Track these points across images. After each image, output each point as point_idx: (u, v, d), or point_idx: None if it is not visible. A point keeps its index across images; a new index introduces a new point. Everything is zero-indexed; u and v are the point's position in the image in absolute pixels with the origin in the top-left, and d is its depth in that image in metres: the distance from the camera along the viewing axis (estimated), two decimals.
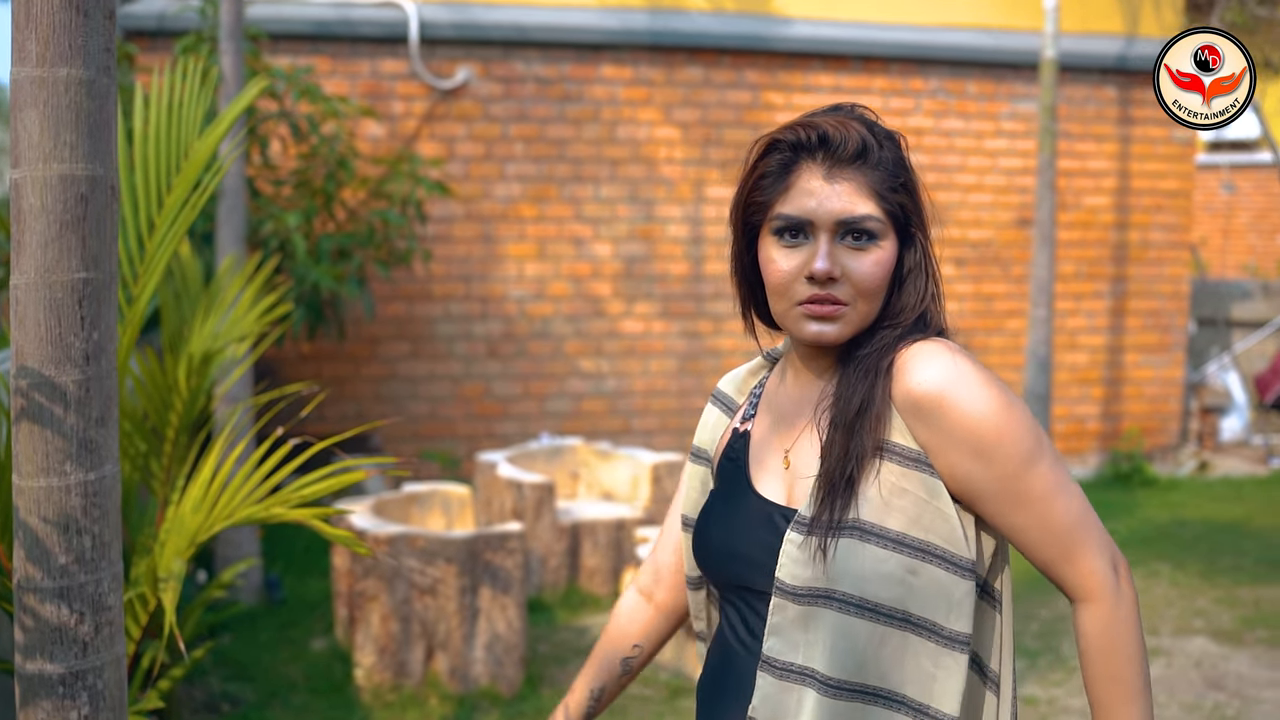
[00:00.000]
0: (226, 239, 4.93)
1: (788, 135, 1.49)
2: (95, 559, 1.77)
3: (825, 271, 1.44)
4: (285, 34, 6.93)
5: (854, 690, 1.43)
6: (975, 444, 1.42)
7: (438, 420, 7.44)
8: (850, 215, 1.45)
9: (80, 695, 1.78)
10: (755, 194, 1.51)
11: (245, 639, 4.83)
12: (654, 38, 7.50)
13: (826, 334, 1.47)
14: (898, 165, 1.50)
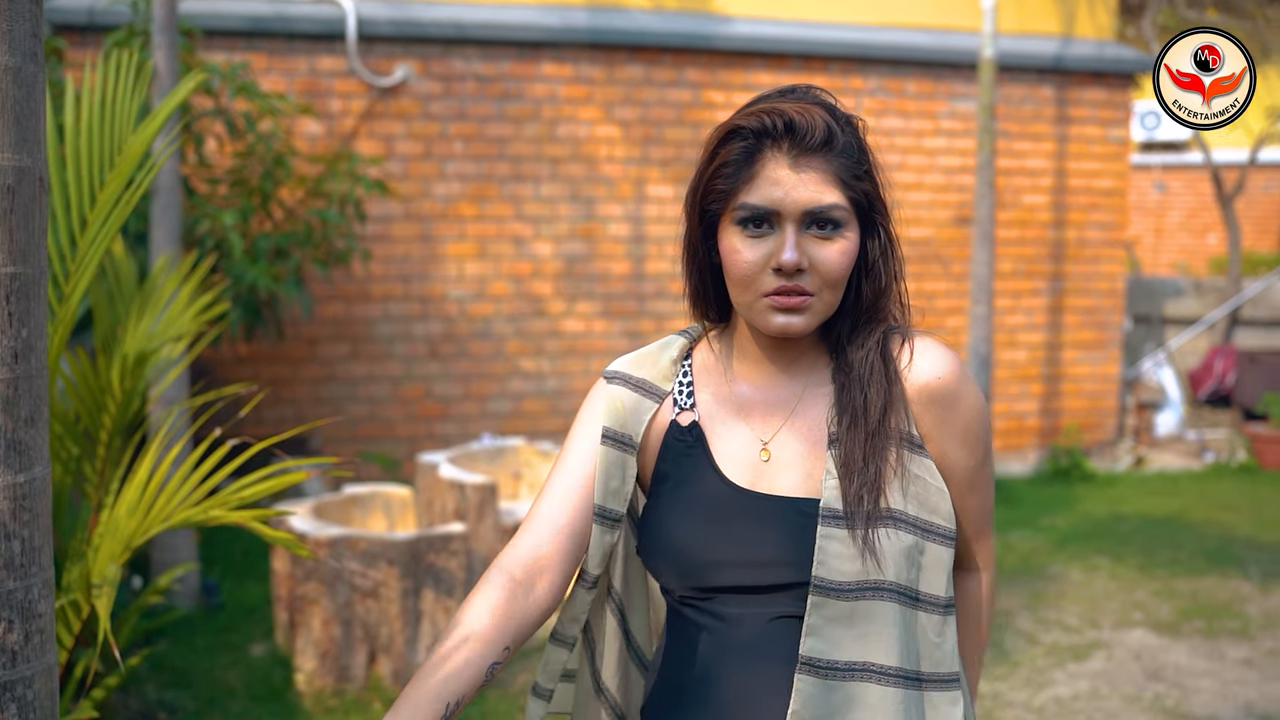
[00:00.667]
0: (161, 238, 4.83)
1: (751, 122, 1.45)
2: (25, 564, 1.71)
3: (794, 263, 1.41)
4: (220, 30, 6.83)
5: (913, 678, 1.47)
6: (967, 433, 1.51)
7: (378, 421, 7.36)
8: (818, 205, 1.43)
9: (9, 707, 1.72)
10: (717, 182, 1.47)
11: (183, 645, 4.74)
12: (594, 36, 7.47)
13: (793, 325, 1.45)
14: (860, 151, 1.50)
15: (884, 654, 1.44)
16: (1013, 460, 8.66)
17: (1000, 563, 6.20)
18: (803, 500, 1.47)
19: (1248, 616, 5.46)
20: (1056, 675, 4.74)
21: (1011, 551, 6.39)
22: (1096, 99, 8.74)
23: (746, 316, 1.49)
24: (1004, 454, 8.64)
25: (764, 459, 1.51)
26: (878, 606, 1.44)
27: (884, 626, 1.44)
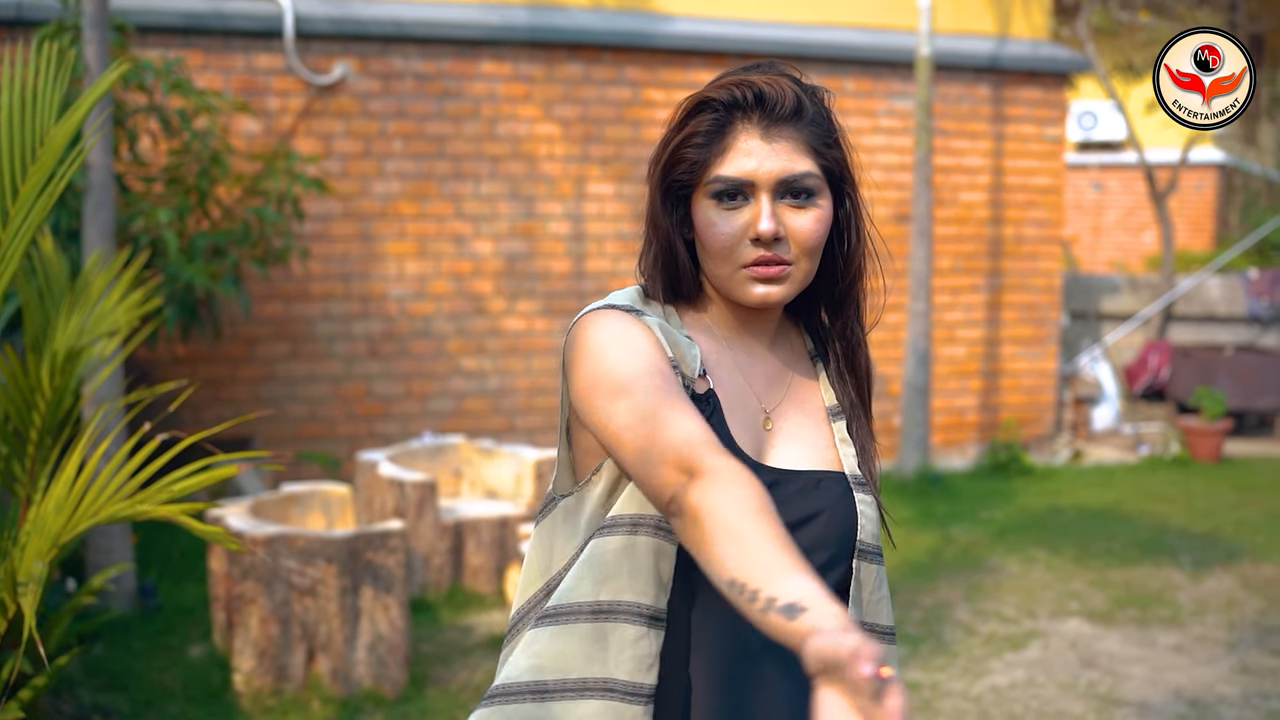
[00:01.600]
0: (94, 235, 4.77)
1: (721, 94, 1.45)
2: None
3: (771, 232, 1.41)
4: (155, 26, 6.74)
5: (891, 634, 1.58)
6: None
7: (318, 421, 7.31)
8: (791, 174, 1.43)
9: None
10: (686, 152, 1.46)
11: (119, 648, 4.68)
12: (534, 34, 7.46)
13: (773, 294, 1.46)
14: (828, 121, 1.50)
15: (886, 616, 1.56)
16: (953, 455, 8.75)
17: (939, 556, 6.27)
18: (817, 473, 1.51)
19: (1179, 604, 5.56)
20: (994, 665, 4.80)
21: (951, 544, 6.46)
22: (1032, 98, 8.85)
23: (725, 289, 1.48)
24: (944, 449, 8.73)
25: (767, 428, 1.51)
26: (881, 571, 1.56)
27: (884, 590, 1.55)
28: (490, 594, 5.30)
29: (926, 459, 7.79)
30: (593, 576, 1.41)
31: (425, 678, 4.47)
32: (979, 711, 4.34)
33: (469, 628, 5.01)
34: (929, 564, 6.10)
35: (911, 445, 7.73)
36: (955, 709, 4.36)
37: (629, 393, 1.34)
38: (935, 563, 6.13)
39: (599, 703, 1.39)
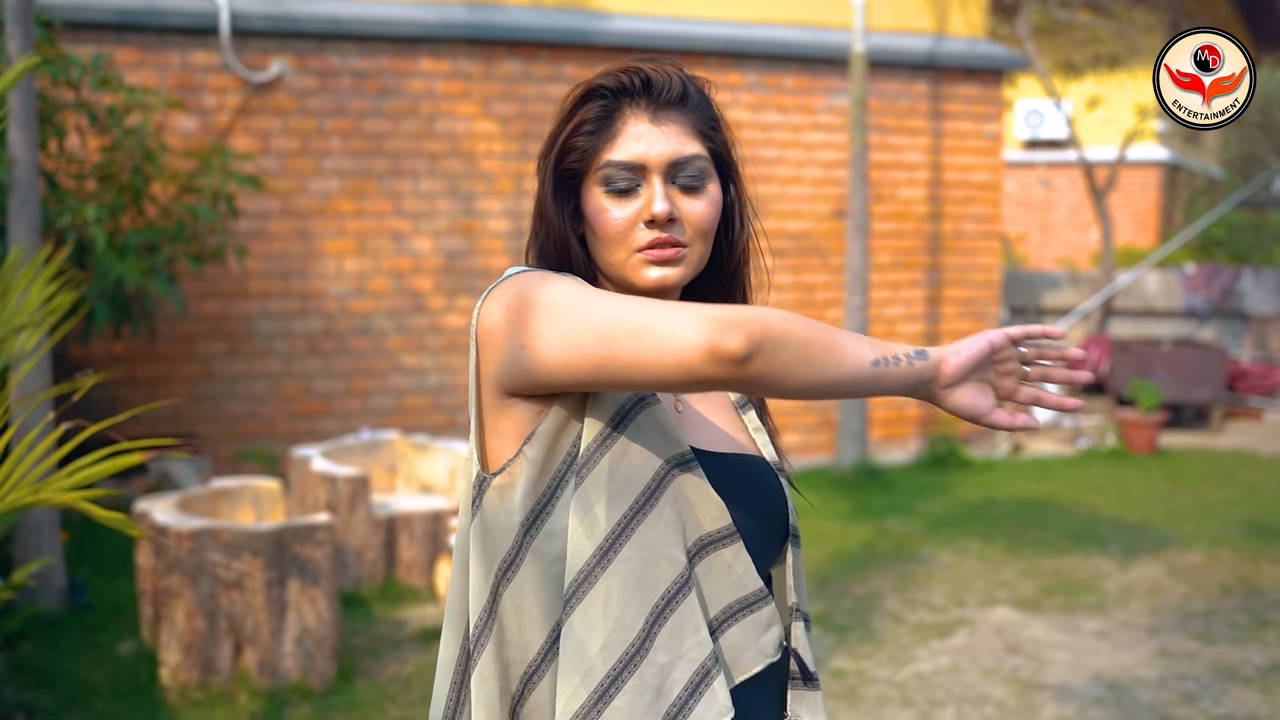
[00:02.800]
0: (19, 231, 4.75)
1: (609, 81, 1.46)
2: None
3: (666, 213, 1.41)
4: (89, 22, 6.71)
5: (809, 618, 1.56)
6: None
7: (258, 419, 7.29)
8: (682, 155, 1.44)
9: None
10: (577, 140, 1.46)
11: (47, 646, 4.66)
12: (472, 31, 7.48)
13: (669, 277, 1.45)
14: (711, 107, 1.52)
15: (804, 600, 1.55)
16: (894, 449, 8.84)
17: (873, 547, 6.34)
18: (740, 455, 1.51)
19: (1105, 591, 5.65)
20: (919, 652, 4.87)
21: (885, 536, 6.54)
22: (970, 94, 8.96)
23: (620, 275, 1.47)
24: (885, 443, 8.82)
25: (679, 410, 1.49)
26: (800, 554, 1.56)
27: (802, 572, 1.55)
28: (423, 588, 5.31)
29: (864, 452, 7.87)
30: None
31: (354, 670, 4.48)
32: (902, 698, 4.41)
33: (401, 621, 5.03)
34: (862, 555, 6.17)
35: (849, 439, 7.80)
36: (879, 695, 4.42)
37: (606, 296, 1.34)
38: (868, 554, 6.20)
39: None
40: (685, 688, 1.32)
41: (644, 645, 1.32)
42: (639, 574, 1.33)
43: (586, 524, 1.33)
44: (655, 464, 1.36)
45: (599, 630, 1.31)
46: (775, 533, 1.49)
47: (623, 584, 1.32)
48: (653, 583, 1.33)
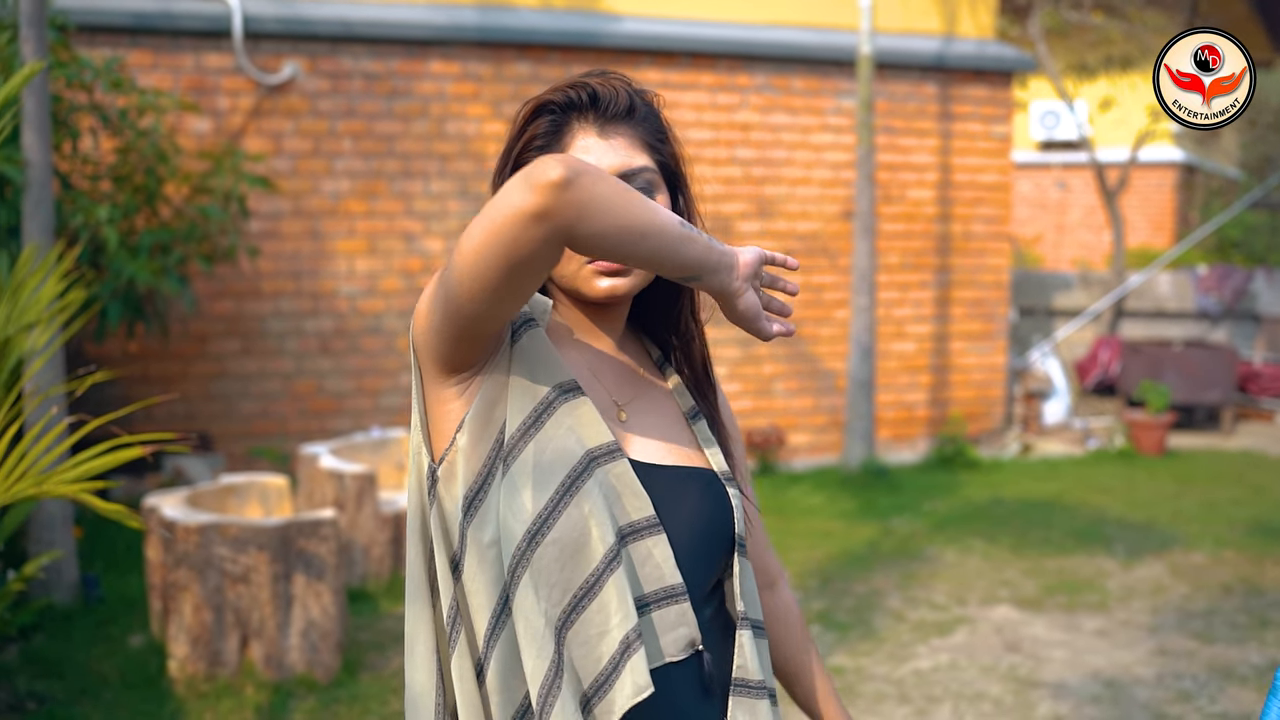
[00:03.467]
0: (33, 231, 4.83)
1: (558, 96, 1.49)
2: None
3: None
4: (104, 26, 6.81)
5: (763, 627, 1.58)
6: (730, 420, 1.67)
7: (270, 418, 7.38)
8: (629, 168, 1.46)
9: None
10: (528, 155, 1.48)
11: (59, 638, 4.75)
12: (482, 34, 7.55)
13: (618, 287, 1.47)
14: (659, 119, 1.55)
15: (758, 610, 1.56)
16: (902, 449, 8.87)
17: (877, 546, 6.38)
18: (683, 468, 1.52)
19: (1107, 590, 5.68)
20: (919, 649, 4.91)
21: (890, 535, 6.58)
22: (979, 96, 8.99)
23: (571, 286, 1.50)
24: (893, 443, 8.86)
25: (622, 419, 1.51)
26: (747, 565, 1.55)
27: (751, 581, 1.55)
28: None
29: (872, 452, 7.91)
30: None
31: (359, 664, 4.55)
32: (899, 694, 4.45)
33: None
34: (866, 554, 6.21)
35: (856, 438, 7.84)
36: (876, 691, 4.47)
37: None
38: (872, 553, 6.24)
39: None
40: (609, 661, 1.36)
41: (569, 620, 1.37)
42: (570, 554, 1.36)
43: (514, 509, 1.36)
44: (579, 452, 1.39)
45: (537, 610, 1.35)
46: (720, 544, 1.50)
47: (551, 565, 1.36)
48: (582, 562, 1.37)
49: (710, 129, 8.20)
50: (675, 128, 1.60)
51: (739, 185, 8.32)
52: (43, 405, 4.27)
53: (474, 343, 1.39)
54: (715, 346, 8.12)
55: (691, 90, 8.13)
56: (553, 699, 1.33)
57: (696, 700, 1.45)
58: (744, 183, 8.33)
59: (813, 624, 5.16)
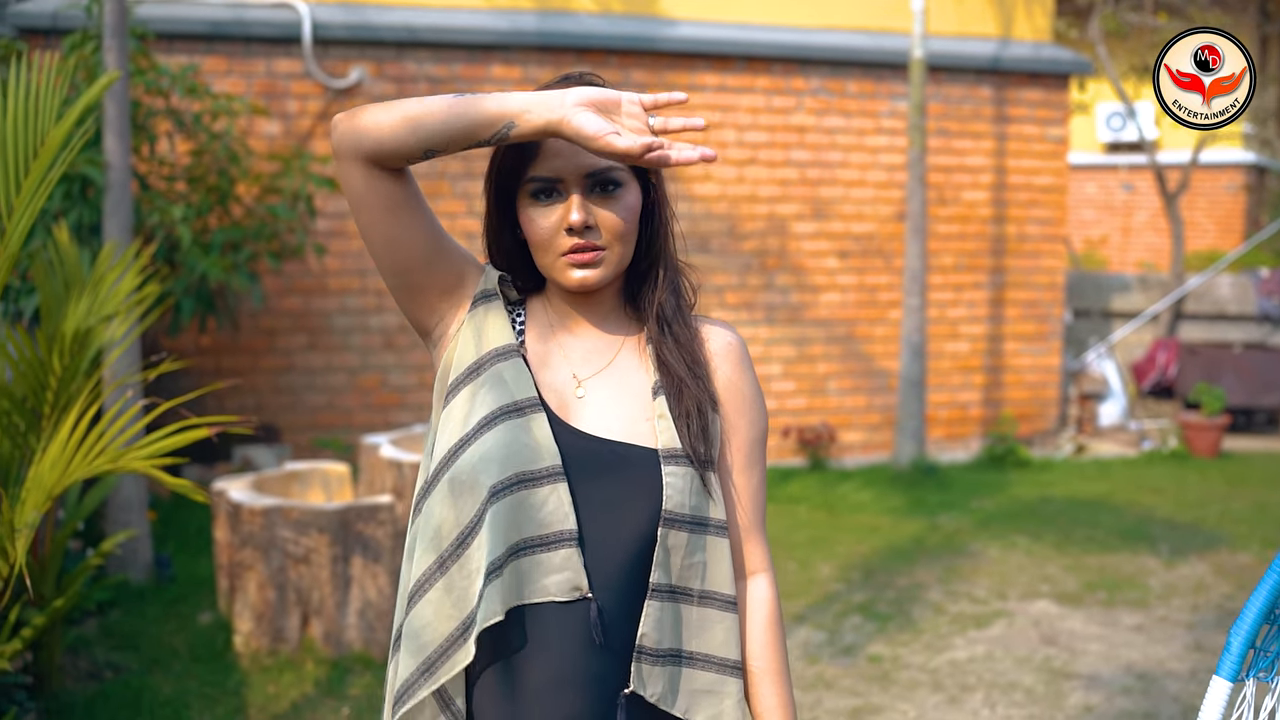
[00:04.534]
0: (113, 229, 5.11)
1: None
2: None
3: (581, 221, 1.56)
4: (180, 34, 7.11)
5: (728, 601, 1.65)
6: (747, 403, 1.70)
7: (335, 410, 7.65)
8: (596, 167, 1.57)
9: None
10: (507, 162, 1.63)
11: (133, 614, 5.02)
12: (542, 39, 7.76)
13: (590, 277, 1.60)
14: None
15: (714, 581, 1.62)
16: (956, 449, 8.97)
17: (922, 542, 6.50)
18: (624, 444, 1.62)
19: (1148, 588, 5.76)
20: (956, 641, 5.03)
21: (936, 531, 6.70)
22: (1034, 98, 9.05)
23: (550, 276, 1.64)
24: (946, 442, 8.95)
25: (579, 393, 1.64)
26: (706, 539, 1.62)
27: (711, 556, 1.63)
28: None
29: (922, 450, 8.02)
30: None
31: None
32: (933, 682, 4.59)
33: None
34: (911, 549, 6.34)
35: (907, 437, 7.95)
36: (911, 679, 4.61)
37: None
38: (917, 548, 6.37)
39: None
40: (475, 592, 1.54)
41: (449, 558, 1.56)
42: (459, 492, 1.56)
43: (427, 455, 1.60)
44: (492, 407, 1.58)
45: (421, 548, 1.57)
46: (646, 517, 1.59)
47: (438, 506, 1.57)
48: (468, 499, 1.55)
49: (766, 131, 8.35)
50: (731, 130, 1.75)
51: (794, 187, 8.46)
52: (119, 391, 4.54)
53: (416, 299, 1.65)
54: (770, 346, 8.28)
55: (748, 93, 8.29)
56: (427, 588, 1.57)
57: (582, 647, 1.57)
58: (799, 184, 8.47)
59: (854, 614, 5.31)
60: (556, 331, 1.69)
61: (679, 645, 1.62)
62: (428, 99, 1.54)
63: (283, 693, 4.30)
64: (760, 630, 1.69)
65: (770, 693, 1.68)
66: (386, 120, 1.53)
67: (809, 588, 5.69)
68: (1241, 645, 1.96)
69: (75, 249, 4.14)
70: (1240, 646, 1.96)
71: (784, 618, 1.75)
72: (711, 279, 8.17)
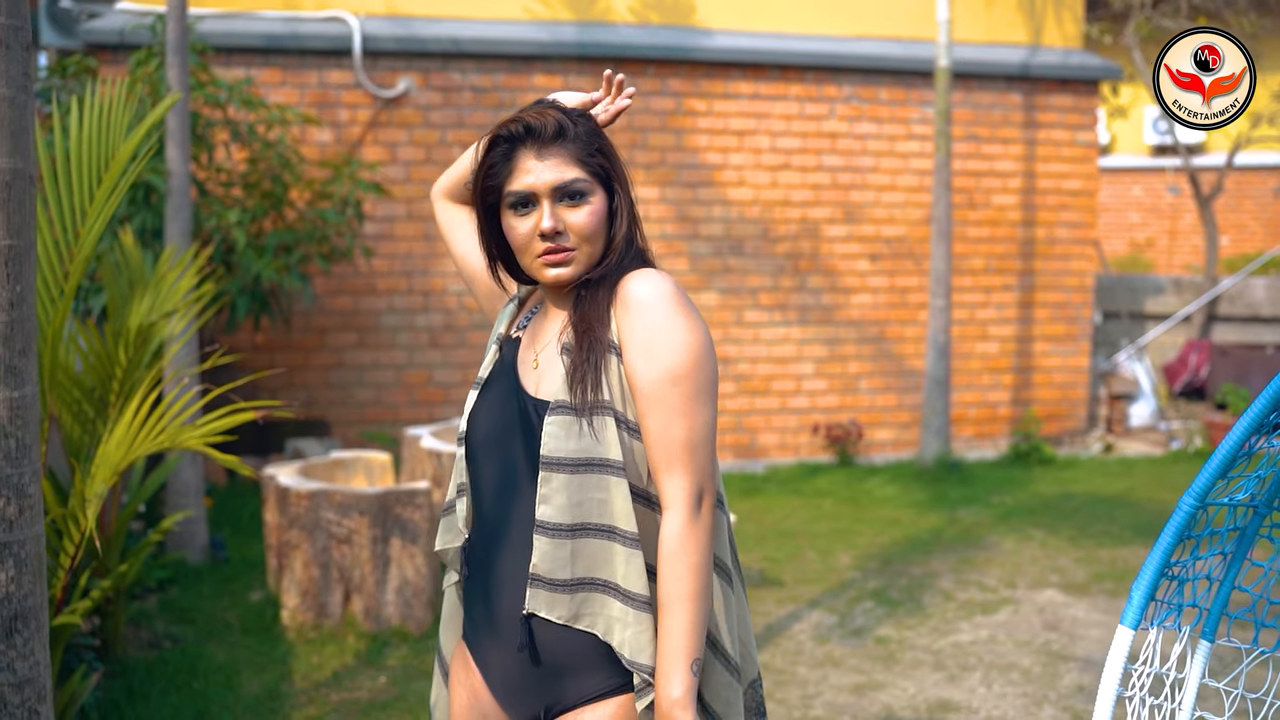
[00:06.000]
0: (174, 233, 5.50)
1: (502, 131, 1.90)
2: (19, 456, 2.35)
3: (551, 229, 1.85)
4: (238, 47, 7.52)
5: (607, 530, 1.85)
6: (649, 345, 1.83)
7: (383, 406, 8.02)
8: (561, 181, 1.86)
9: (6, 561, 2.35)
10: (488, 180, 1.91)
11: (190, 591, 5.40)
12: (582, 49, 8.09)
13: (563, 275, 1.89)
14: (592, 136, 1.91)
15: (600, 515, 1.83)
16: (985, 447, 9.19)
17: (940, 534, 6.75)
18: (539, 400, 1.90)
19: None
20: (962, 625, 5.29)
21: (955, 524, 6.94)
22: (1064, 104, 9.25)
23: (530, 274, 1.94)
24: (975, 441, 9.18)
25: (535, 367, 1.94)
26: (595, 478, 1.83)
27: (599, 493, 1.83)
28: None
29: (946, 447, 8.25)
30: None
31: None
32: (935, 662, 4.85)
33: None
34: (928, 540, 6.59)
35: (932, 434, 8.19)
36: (914, 659, 4.88)
37: None
38: (935, 539, 6.62)
39: None
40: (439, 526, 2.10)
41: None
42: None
43: None
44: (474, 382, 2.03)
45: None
46: (530, 460, 1.88)
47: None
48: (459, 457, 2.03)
49: (799, 138, 8.62)
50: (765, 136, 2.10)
51: (826, 191, 8.73)
52: (177, 380, 4.91)
53: (483, 302, 2.18)
54: (802, 346, 8.54)
55: (781, 101, 8.57)
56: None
57: (480, 582, 1.97)
58: (831, 189, 8.74)
59: (866, 600, 5.58)
60: (541, 318, 2.01)
61: (589, 574, 1.84)
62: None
63: (325, 663, 4.65)
64: (660, 562, 1.81)
65: (662, 619, 1.80)
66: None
67: (827, 575, 5.96)
68: (1142, 597, 2.25)
69: (139, 251, 4.52)
70: (1140, 599, 2.25)
71: (696, 550, 1.80)
72: (746, 280, 8.46)
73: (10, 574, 2.35)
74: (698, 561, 1.79)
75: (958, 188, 8.94)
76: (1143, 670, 2.20)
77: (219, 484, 7.16)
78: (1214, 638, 2.50)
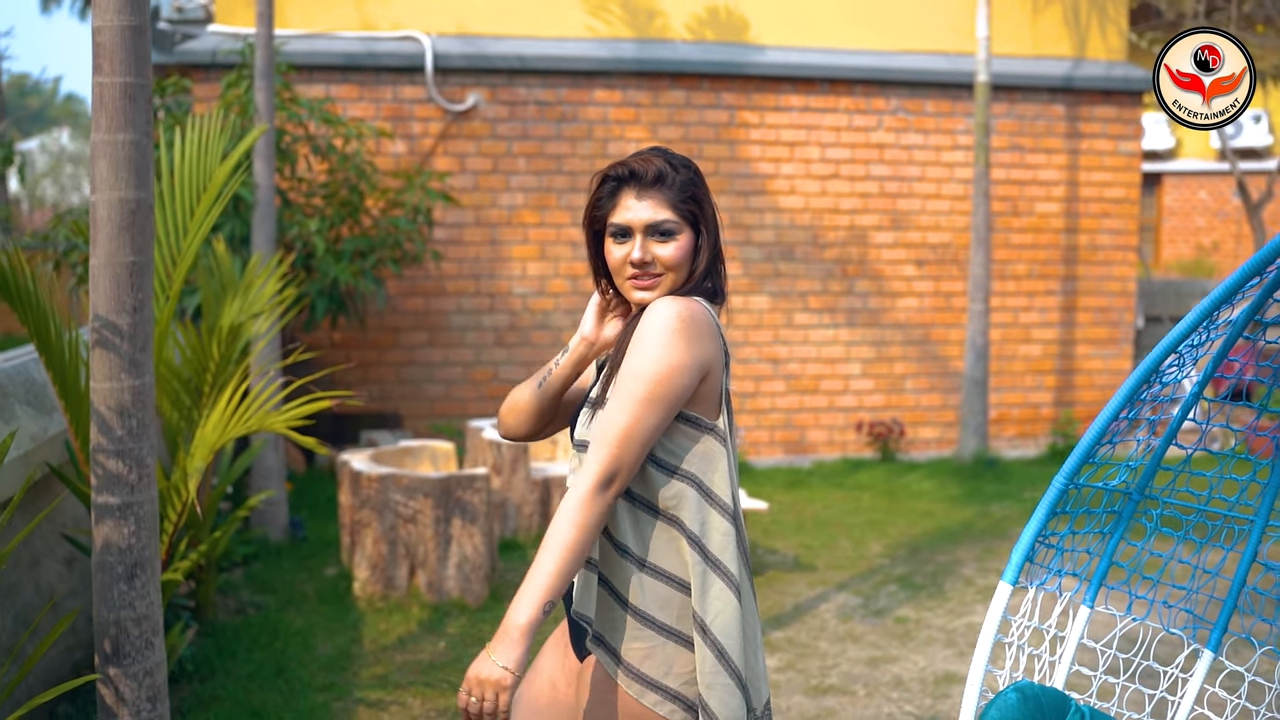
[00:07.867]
0: (260, 241, 6.06)
1: (611, 172, 2.21)
2: (139, 433, 2.87)
3: (640, 260, 2.16)
4: (319, 65, 8.10)
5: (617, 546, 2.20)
6: (634, 346, 2.10)
7: (451, 400, 8.56)
8: (654, 220, 2.16)
9: (129, 519, 2.87)
10: (596, 211, 2.23)
11: (272, 567, 5.96)
12: (640, 65, 8.57)
13: (647, 297, 2.18)
14: (687, 184, 2.19)
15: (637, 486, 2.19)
16: (1026, 446, 9.53)
17: (970, 526, 7.14)
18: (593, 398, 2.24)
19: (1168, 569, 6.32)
20: (977, 608, 5.69)
21: (985, 517, 7.32)
22: (1107, 115, 9.56)
23: (622, 292, 2.23)
24: (1018, 440, 9.52)
25: None
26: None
27: None
28: None
29: (984, 445, 8.62)
30: None
31: (503, 594, 5.60)
32: (947, 640, 5.27)
33: None
34: (958, 531, 6.99)
35: (969, 432, 8.56)
36: (928, 637, 5.29)
37: None
38: (964, 531, 7.01)
39: None
40: None
41: None
42: None
43: None
44: None
45: None
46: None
47: None
48: None
49: (848, 148, 9.03)
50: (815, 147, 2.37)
51: (874, 200, 9.13)
52: (263, 373, 5.47)
53: None
54: (850, 347, 9.01)
55: (831, 113, 8.98)
56: None
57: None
58: (879, 197, 9.14)
59: (891, 584, 5.99)
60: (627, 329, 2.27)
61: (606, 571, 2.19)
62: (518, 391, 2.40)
63: (391, 629, 5.18)
64: (557, 512, 2.05)
65: (537, 557, 2.01)
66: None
67: (857, 562, 6.39)
68: (1019, 558, 2.68)
69: (229, 257, 5.07)
70: (1018, 559, 2.69)
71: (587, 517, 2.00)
72: (796, 285, 8.90)
73: (132, 529, 2.87)
74: (584, 522, 2.01)
75: (1001, 196, 9.29)
76: (1022, 622, 2.63)
77: (298, 471, 7.74)
78: (1094, 604, 2.94)
